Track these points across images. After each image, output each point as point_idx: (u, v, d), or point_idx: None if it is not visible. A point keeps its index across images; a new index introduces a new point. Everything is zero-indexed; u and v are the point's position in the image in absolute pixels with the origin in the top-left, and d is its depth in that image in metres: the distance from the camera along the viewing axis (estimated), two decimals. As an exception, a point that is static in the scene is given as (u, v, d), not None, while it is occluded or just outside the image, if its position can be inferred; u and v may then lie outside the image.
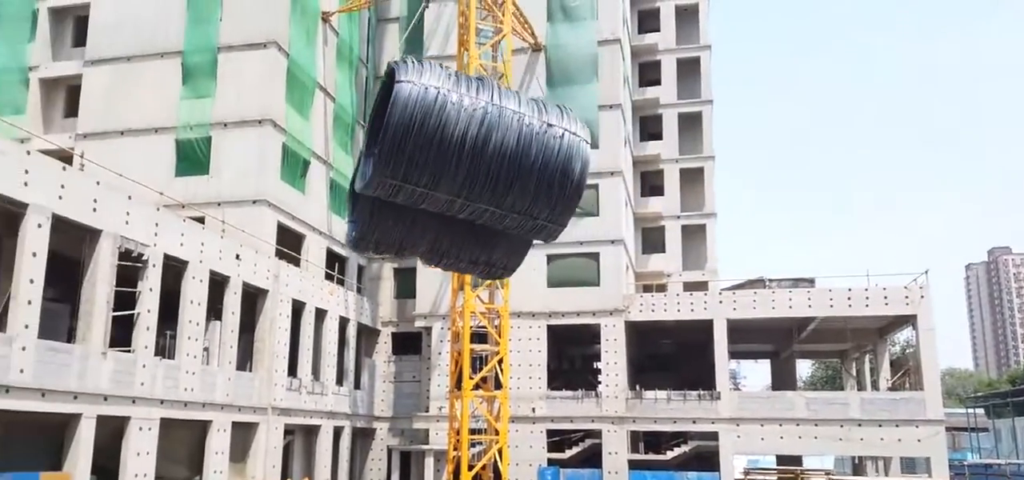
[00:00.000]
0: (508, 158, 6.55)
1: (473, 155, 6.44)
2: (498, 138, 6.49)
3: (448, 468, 28.86)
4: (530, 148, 6.62)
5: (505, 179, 6.63)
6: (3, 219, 18.47)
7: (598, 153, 34.87)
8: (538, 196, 6.81)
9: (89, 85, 30.88)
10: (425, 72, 6.59)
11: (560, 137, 6.67)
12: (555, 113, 7.04)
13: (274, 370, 27.34)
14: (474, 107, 6.45)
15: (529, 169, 6.64)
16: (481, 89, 6.74)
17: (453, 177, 6.54)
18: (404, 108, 6.32)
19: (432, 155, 6.38)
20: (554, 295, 34.11)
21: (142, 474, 21.16)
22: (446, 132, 6.32)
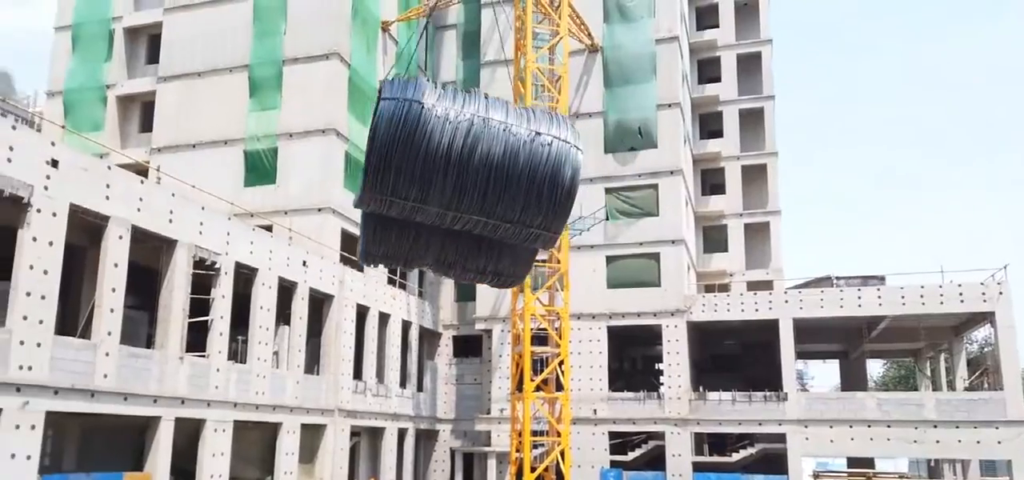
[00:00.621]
0: (495, 168, 6.59)
1: (459, 167, 6.52)
2: (484, 149, 6.53)
3: (511, 470, 29.03)
4: (517, 157, 6.65)
5: (494, 189, 6.68)
6: (87, 231, 19.45)
7: (657, 152, 34.60)
8: (528, 204, 6.83)
9: (162, 101, 32.25)
10: (410, 88, 6.67)
11: (548, 145, 6.67)
12: (545, 121, 7.02)
13: (340, 373, 28.02)
14: (459, 120, 6.51)
15: (517, 178, 6.66)
16: (468, 102, 6.80)
17: (442, 190, 6.64)
18: (388, 125, 6.44)
19: (418, 169, 6.49)
20: (614, 296, 33.95)
21: (217, 474, 21.98)
22: (431, 146, 6.40)
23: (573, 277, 31.34)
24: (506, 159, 6.59)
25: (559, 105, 30.41)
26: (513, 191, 6.73)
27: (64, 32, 34.91)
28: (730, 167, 41.95)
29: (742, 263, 40.97)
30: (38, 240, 16.80)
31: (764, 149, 41.93)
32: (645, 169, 34.69)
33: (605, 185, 35.03)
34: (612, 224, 34.62)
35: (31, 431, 16.46)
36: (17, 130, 16.98)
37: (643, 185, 34.65)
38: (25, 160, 16.58)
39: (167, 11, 33.08)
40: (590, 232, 32.93)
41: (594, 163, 35.29)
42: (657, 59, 35.08)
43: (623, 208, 34.64)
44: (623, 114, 35.35)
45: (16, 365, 16.17)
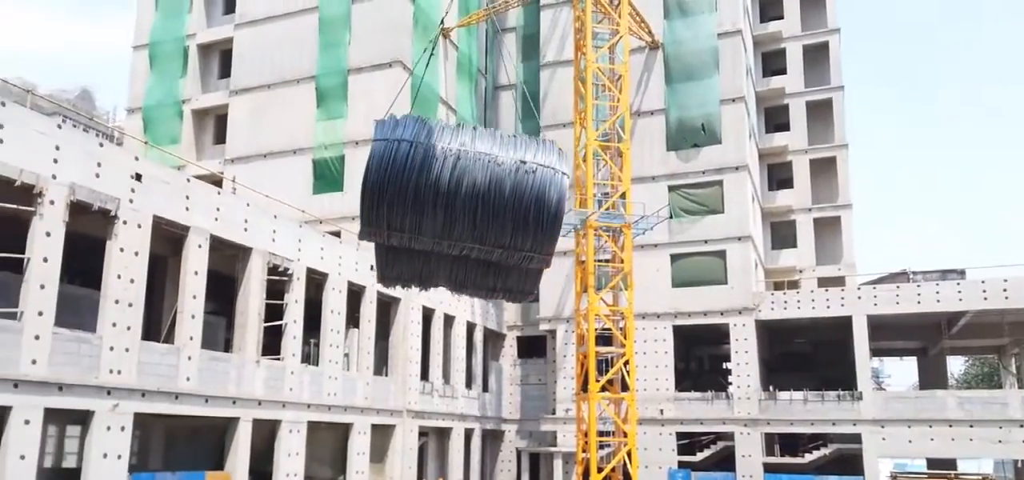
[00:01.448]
0: (482, 198, 6.93)
1: (448, 199, 6.89)
2: (470, 180, 6.87)
3: (577, 470, 29.04)
4: (503, 187, 6.95)
5: (483, 217, 7.02)
6: (168, 241, 20.40)
7: (721, 148, 34.07)
8: (517, 229, 7.12)
9: (234, 113, 33.50)
10: (400, 127, 7.07)
11: (532, 172, 6.92)
12: (531, 148, 7.26)
13: (408, 374, 28.57)
14: (445, 155, 6.84)
15: (503, 206, 6.97)
16: (456, 135, 7.10)
17: (433, 220, 7.04)
18: (379, 165, 6.93)
19: (410, 203, 6.90)
20: (679, 295, 33.57)
21: (293, 473, 22.72)
22: (420, 181, 6.80)
23: (637, 276, 31.14)
24: (492, 188, 6.92)
25: (620, 104, 30.29)
26: (501, 218, 7.07)
27: (142, 51, 36.61)
28: (798, 161, 40.90)
29: (812, 259, 39.92)
30: (125, 250, 17.72)
31: (833, 141, 40.74)
32: (709, 166, 34.17)
33: (668, 183, 34.67)
34: (676, 222, 34.23)
35: (121, 432, 17.38)
36: (104, 147, 17.95)
37: (707, 182, 34.15)
38: (112, 175, 17.52)
39: (237, 27, 34.33)
40: (653, 231, 32.64)
41: (656, 161, 34.98)
42: (720, 54, 34.54)
43: (687, 206, 34.21)
44: (685, 111, 34.92)
45: (106, 369, 17.10)
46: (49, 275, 15.89)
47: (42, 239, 15.85)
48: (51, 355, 15.86)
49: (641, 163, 34.57)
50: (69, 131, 17.41)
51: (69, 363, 16.23)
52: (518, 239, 7.22)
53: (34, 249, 15.72)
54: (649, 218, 30.55)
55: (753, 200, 35.77)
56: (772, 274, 39.72)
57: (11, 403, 15.04)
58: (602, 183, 30.13)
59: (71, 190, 16.43)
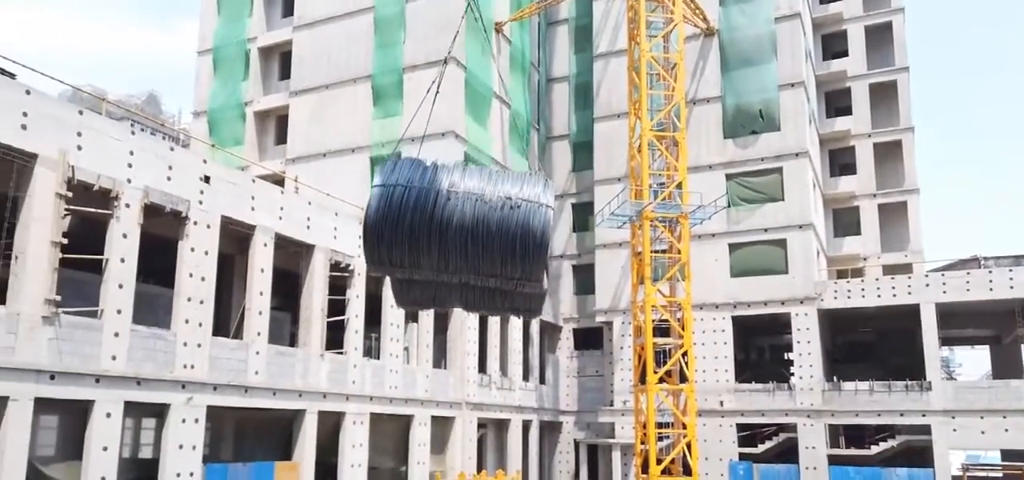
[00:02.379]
0: (470, 234, 7.36)
1: (440, 236, 7.39)
2: (459, 219, 7.34)
3: (636, 461, 28.97)
4: (490, 222, 7.37)
5: (473, 251, 7.44)
6: (235, 240, 21.13)
7: (780, 135, 33.38)
8: (506, 261, 7.50)
9: (295, 114, 34.35)
10: (396, 171, 7.69)
11: (517, 208, 7.31)
12: (518, 184, 7.66)
13: (466, 367, 28.93)
14: (436, 196, 7.35)
15: (491, 240, 7.37)
16: (447, 175, 7.59)
17: (429, 256, 7.55)
18: (375, 210, 7.55)
19: (406, 242, 7.45)
20: (739, 285, 33.08)
21: (357, 464, 23.32)
22: (414, 221, 7.36)
23: (695, 267, 30.81)
24: (479, 225, 7.39)
25: (675, 93, 29.95)
26: (491, 251, 7.50)
27: (206, 56, 37.81)
28: (861, 145, 39.70)
29: (877, 246, 38.75)
30: (195, 250, 18.46)
31: (898, 125, 39.40)
32: (768, 152, 33.52)
33: (725, 171, 34.14)
34: (734, 211, 33.71)
35: (195, 424, 18.15)
36: (174, 151, 18.71)
37: (766, 169, 33.50)
38: (182, 178, 18.25)
39: (296, 29, 35.16)
40: (711, 220, 32.22)
41: (713, 149, 34.49)
42: (777, 38, 33.81)
43: (746, 194, 33.64)
44: (743, 97, 34.32)
45: (181, 364, 17.86)
46: (126, 275, 16.69)
47: (119, 241, 16.65)
48: (130, 351, 16.66)
49: (697, 152, 34.13)
50: (141, 137, 18.20)
51: (146, 358, 17.02)
52: (507, 268, 7.65)
53: (112, 250, 16.52)
54: (706, 208, 30.17)
55: (814, 187, 34.95)
56: (835, 262, 38.74)
57: (94, 397, 15.87)
58: (658, 173, 29.87)
59: (145, 193, 17.19)
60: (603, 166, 36.75)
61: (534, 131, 38.63)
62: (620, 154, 35.41)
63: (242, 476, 19.29)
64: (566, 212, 39.51)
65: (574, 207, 39.35)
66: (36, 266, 14.98)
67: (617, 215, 30.46)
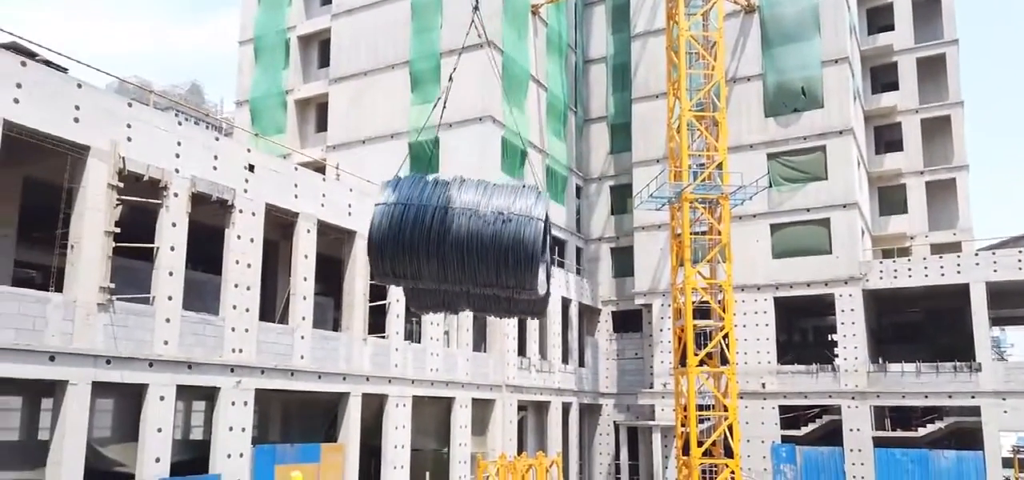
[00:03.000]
0: (465, 247, 7.78)
1: (438, 249, 7.83)
2: (454, 233, 7.76)
3: (676, 443, 28.92)
4: (483, 236, 7.77)
5: (469, 263, 7.86)
6: (278, 227, 21.56)
7: (823, 112, 32.73)
8: (500, 271, 7.91)
9: (334, 101, 34.77)
10: (397, 189, 8.15)
11: (509, 221, 7.70)
12: (511, 196, 8.05)
13: (506, 350, 29.14)
14: (434, 211, 7.80)
15: (485, 252, 7.78)
16: (445, 191, 8.01)
17: (428, 268, 8.02)
18: (377, 227, 8.03)
19: (407, 255, 7.93)
20: (781, 266, 32.65)
21: (400, 445, 23.73)
22: (413, 236, 7.82)
23: (735, 248, 30.45)
24: (473, 238, 7.81)
25: (715, 71, 29.55)
26: (486, 263, 7.92)
27: (247, 46, 38.44)
28: (908, 121, 38.72)
29: (924, 224, 37.85)
30: (242, 238, 18.89)
31: (947, 99, 38.30)
32: (811, 131, 32.90)
33: (767, 151, 33.62)
34: (776, 191, 33.21)
35: (244, 407, 18.65)
36: (219, 140, 19.12)
37: (809, 148, 32.90)
38: (227, 167, 18.67)
39: (334, 17, 35.50)
40: (752, 201, 31.79)
41: (754, 129, 33.97)
42: (820, 13, 33.06)
43: (788, 174, 33.10)
44: (784, 74, 33.70)
45: (229, 349, 18.35)
46: (176, 262, 17.17)
47: (169, 229, 17.13)
48: (181, 336, 17.18)
49: (738, 131, 33.65)
50: (188, 127, 18.64)
51: (197, 343, 17.52)
52: (502, 278, 8.08)
53: (162, 238, 17.01)
54: (747, 188, 29.77)
55: (859, 165, 34.22)
56: (880, 241, 37.93)
57: (148, 381, 16.42)
58: (697, 154, 29.55)
59: (192, 183, 17.63)
60: (641, 147, 36.47)
61: (571, 113, 38.49)
62: (659, 135, 35.10)
63: (290, 457, 19.79)
64: (604, 195, 39.34)
65: (612, 189, 39.17)
66: (91, 255, 15.51)
67: (656, 197, 30.25)
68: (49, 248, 18.11)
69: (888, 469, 29.61)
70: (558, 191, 36.56)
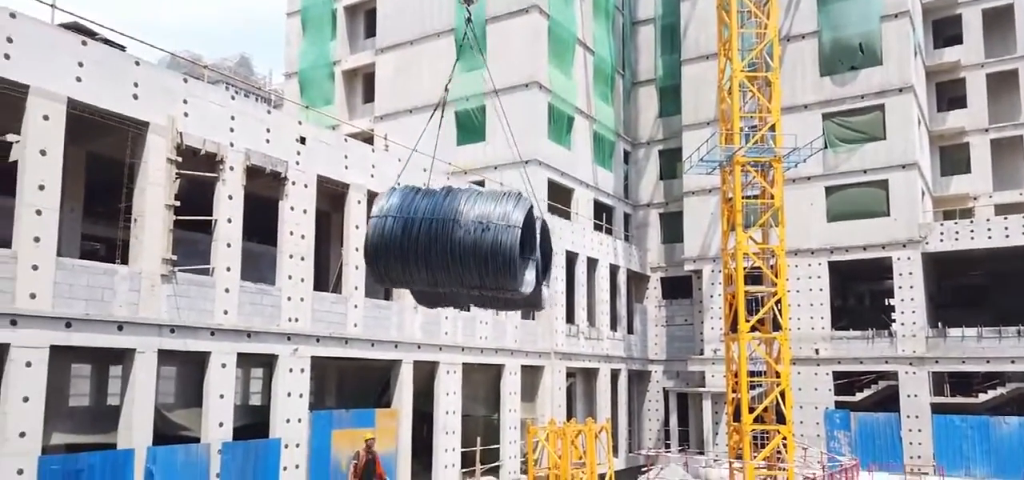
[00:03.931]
0: (449, 254, 8.39)
1: (426, 255, 8.47)
2: (440, 242, 8.39)
3: (727, 410, 28.71)
4: (465, 243, 8.33)
5: (454, 268, 8.46)
6: (330, 198, 21.87)
7: (882, 69, 31.62)
8: (482, 275, 8.46)
9: (381, 71, 34.93)
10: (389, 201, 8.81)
11: (487, 229, 8.24)
12: (493, 202, 8.54)
13: (554, 318, 29.20)
14: (420, 222, 8.45)
15: (467, 258, 8.36)
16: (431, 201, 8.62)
17: (419, 271, 8.68)
18: (371, 238, 8.71)
19: (399, 263, 8.62)
20: (835, 230, 31.88)
21: (451, 411, 24.10)
22: (403, 244, 8.51)
23: (789, 212, 29.78)
24: (456, 246, 8.33)
25: (768, 30, 28.71)
26: (469, 268, 8.43)
27: (294, 17, 38.78)
28: (972, 77, 37.08)
29: (988, 184, 36.40)
30: (295, 209, 19.24)
31: (1016, 52, 36.53)
32: (868, 89, 31.83)
33: (822, 111, 32.70)
34: (832, 152, 32.32)
35: (301, 374, 19.14)
36: (272, 114, 19.42)
37: (867, 107, 31.86)
38: (280, 139, 18.97)
39: (379, -15, 35.51)
40: (806, 163, 31.01)
41: (808, 88, 33.01)
42: (879, -35, 31.77)
43: (844, 134, 32.15)
44: (840, 31, 32.57)
45: (286, 318, 18.81)
46: (233, 234, 17.60)
47: (226, 202, 17.54)
48: (239, 306, 17.66)
49: (792, 91, 32.75)
50: (241, 101, 18.97)
51: (255, 313, 18.00)
52: (486, 280, 8.61)
53: (220, 211, 17.44)
54: (801, 150, 29.02)
55: (919, 123, 33.02)
56: (941, 203, 36.69)
57: (210, 349, 16.95)
58: (749, 115, 28.87)
59: (246, 156, 17.98)
60: (691, 110, 35.81)
61: (619, 77, 37.95)
62: (709, 97, 34.39)
63: (346, 422, 20.29)
64: (653, 159, 38.83)
65: (661, 154, 38.63)
66: (153, 228, 16.00)
67: (706, 161, 29.75)
68: (112, 221, 18.76)
69: (946, 435, 28.97)
70: (605, 157, 36.23)
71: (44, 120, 14.28)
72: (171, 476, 15.70)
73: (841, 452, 30.26)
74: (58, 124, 14.48)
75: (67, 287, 14.52)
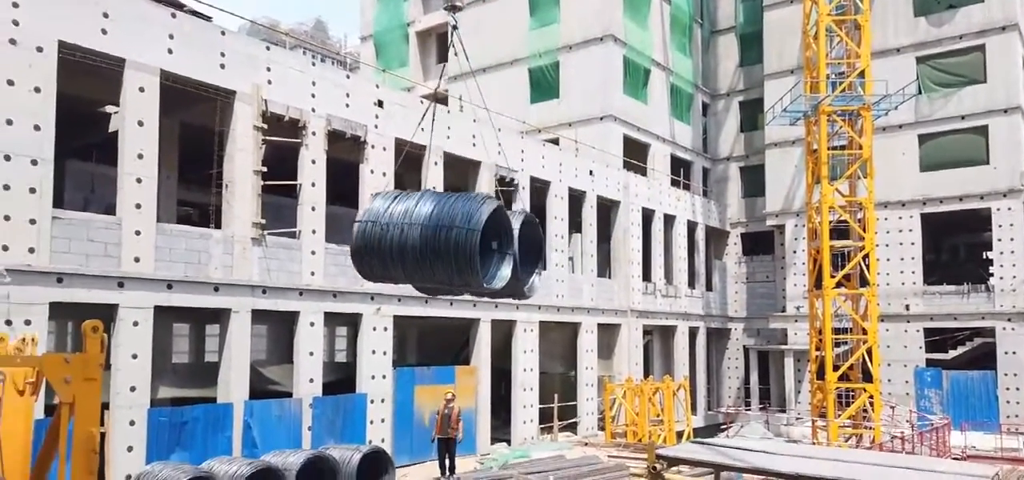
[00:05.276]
0: (420, 256, 9.07)
1: (401, 256, 9.18)
2: (411, 245, 9.08)
3: (811, 368, 28.05)
4: (430, 246, 8.96)
5: (427, 269, 9.12)
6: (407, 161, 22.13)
7: (983, 7, 29.63)
8: (450, 272, 9.04)
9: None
10: (372, 206, 9.53)
11: (450, 231, 8.84)
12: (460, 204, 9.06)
13: (630, 276, 29.01)
14: (395, 225, 9.15)
15: (436, 260, 8.98)
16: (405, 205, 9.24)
17: (397, 269, 9.38)
18: (355, 239, 9.49)
19: (378, 260, 9.40)
20: (929, 180, 30.34)
21: (528, 368, 24.39)
22: (381, 246, 9.27)
23: (878, 162, 28.47)
24: (425, 249, 9.00)
25: (855, -28, 27.22)
26: (438, 269, 9.07)
27: (368, -20, 39.12)
28: (1084, 12, 34.27)
29: (1102, 128, 33.79)
30: (374, 172, 19.64)
31: None
32: (967, 29, 29.88)
33: (915, 54, 30.91)
34: (926, 98, 30.62)
35: (384, 332, 19.71)
36: (350, 78, 19.77)
37: (965, 48, 29.93)
38: (358, 103, 19.32)
39: (450, -56, 35.31)
40: (898, 110, 29.50)
41: (901, 30, 31.24)
42: None
43: (939, 78, 30.37)
44: (936, -32, 30.58)
45: (368, 278, 19.31)
46: (317, 198, 18.14)
47: (309, 166, 18.05)
48: (325, 267, 18.25)
49: (883, 34, 31.04)
50: (321, 67, 19.37)
51: (339, 273, 18.56)
52: (454, 278, 9.21)
53: (304, 175, 17.97)
54: (893, 97, 27.62)
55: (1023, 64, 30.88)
56: (1047, 149, 34.30)
57: (298, 309, 17.64)
58: (836, 62, 27.60)
59: (327, 121, 18.40)
60: (774, 58, 34.46)
61: (697, 26, 36.82)
62: (793, 44, 33.01)
63: (427, 378, 20.83)
64: (733, 111, 37.69)
65: (742, 105, 37.43)
66: (243, 193, 16.65)
67: (790, 111, 28.68)
68: (203, 187, 19.60)
69: (1050, 396, 27.48)
70: (683, 110, 35.39)
71: (140, 92, 14.97)
72: (267, 428, 16.53)
73: (932, 411, 29.17)
74: (153, 95, 15.16)
75: (167, 251, 15.33)
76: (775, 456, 9.07)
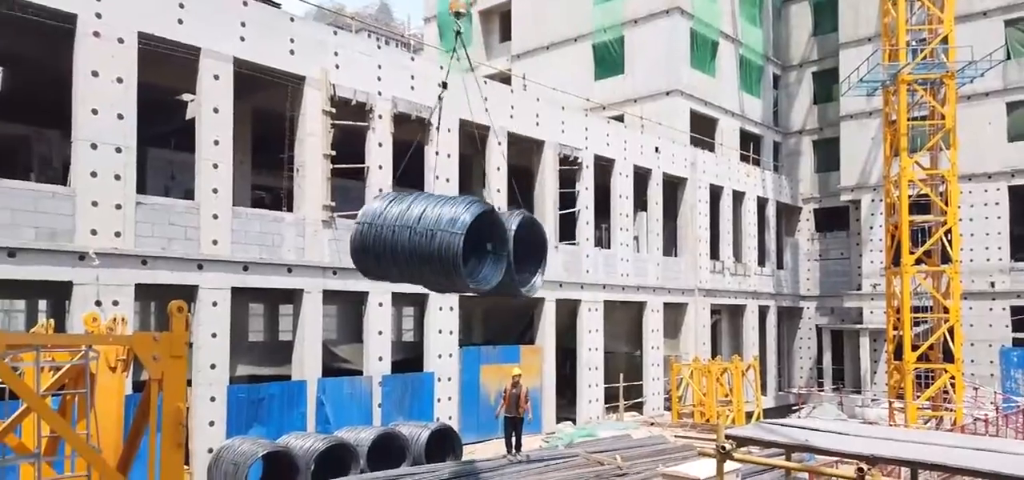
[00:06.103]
0: (409, 258, 9.31)
1: (392, 257, 9.44)
2: (402, 247, 9.33)
3: (888, 348, 27.07)
4: (417, 249, 9.19)
5: (417, 267, 9.34)
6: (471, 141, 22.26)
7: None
8: (437, 273, 9.26)
9: (518, 9, 34.80)
10: (369, 208, 9.79)
11: (434, 236, 9.05)
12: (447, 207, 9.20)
13: (698, 254, 28.53)
14: (387, 227, 9.39)
15: (424, 262, 9.19)
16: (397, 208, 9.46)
17: (391, 269, 9.69)
18: (353, 240, 9.82)
19: (374, 261, 9.71)
20: (1018, 150, 28.79)
21: (593, 347, 24.33)
22: (375, 248, 9.56)
23: (962, 133, 27.10)
24: (414, 251, 9.23)
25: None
26: (425, 270, 9.29)
27: (431, -39, 39.28)
28: None
29: None
30: (440, 153, 19.79)
31: None
32: (1061, -10, 28.03)
33: (1004, 17, 29.23)
34: (1015, 64, 28.92)
35: (450, 312, 19.97)
36: (415, 60, 19.95)
37: (1059, 9, 28.11)
38: (423, 86, 19.48)
39: (513, -78, 35.14)
40: (984, 78, 27.96)
41: (986, -6, 29.52)
42: None
43: (1030, 43, 28.63)
44: (1027, -75, 28.72)
45: (435, 258, 19.56)
46: (384, 180, 18.43)
47: (376, 149, 18.36)
48: (392, 248, 18.55)
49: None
50: (387, 51, 19.60)
51: (406, 254, 18.84)
52: (441, 279, 9.45)
53: (371, 158, 18.29)
54: (979, 63, 26.18)
55: (1126, 25, 28.80)
56: None
57: (367, 290, 18.00)
58: (917, 28, 26.28)
59: (393, 104, 18.65)
60: (850, 26, 33.08)
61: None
62: (870, 10, 31.61)
63: (493, 357, 21.04)
64: (806, 82, 36.42)
65: (815, 76, 36.13)
66: (313, 176, 17.07)
67: (867, 81, 27.53)
68: (274, 171, 20.16)
69: None
70: (753, 82, 34.41)
71: (215, 79, 15.47)
72: (339, 405, 17.02)
73: (1019, 392, 27.80)
74: (227, 83, 15.65)
75: (243, 234, 15.88)
76: (850, 437, 8.78)
